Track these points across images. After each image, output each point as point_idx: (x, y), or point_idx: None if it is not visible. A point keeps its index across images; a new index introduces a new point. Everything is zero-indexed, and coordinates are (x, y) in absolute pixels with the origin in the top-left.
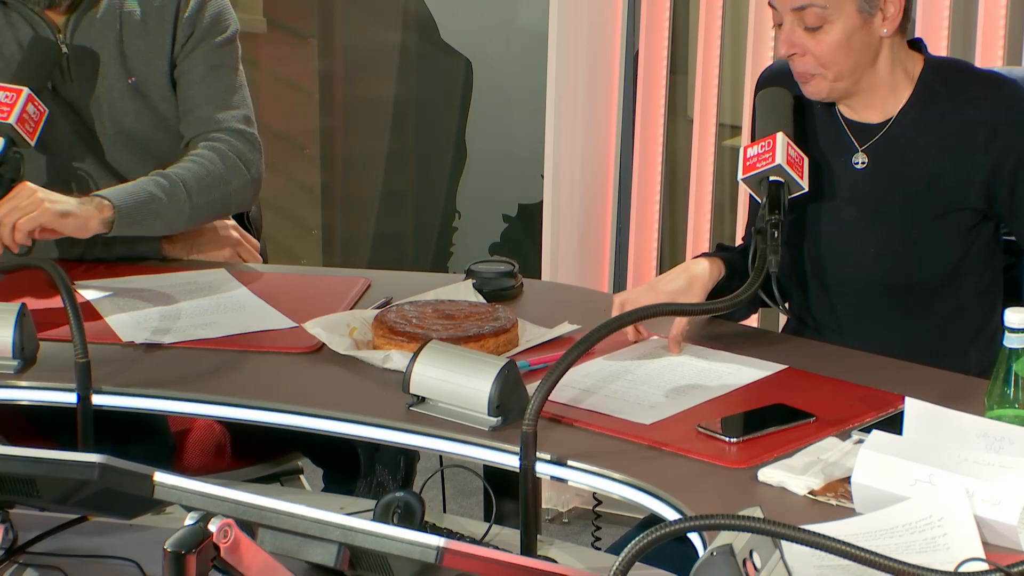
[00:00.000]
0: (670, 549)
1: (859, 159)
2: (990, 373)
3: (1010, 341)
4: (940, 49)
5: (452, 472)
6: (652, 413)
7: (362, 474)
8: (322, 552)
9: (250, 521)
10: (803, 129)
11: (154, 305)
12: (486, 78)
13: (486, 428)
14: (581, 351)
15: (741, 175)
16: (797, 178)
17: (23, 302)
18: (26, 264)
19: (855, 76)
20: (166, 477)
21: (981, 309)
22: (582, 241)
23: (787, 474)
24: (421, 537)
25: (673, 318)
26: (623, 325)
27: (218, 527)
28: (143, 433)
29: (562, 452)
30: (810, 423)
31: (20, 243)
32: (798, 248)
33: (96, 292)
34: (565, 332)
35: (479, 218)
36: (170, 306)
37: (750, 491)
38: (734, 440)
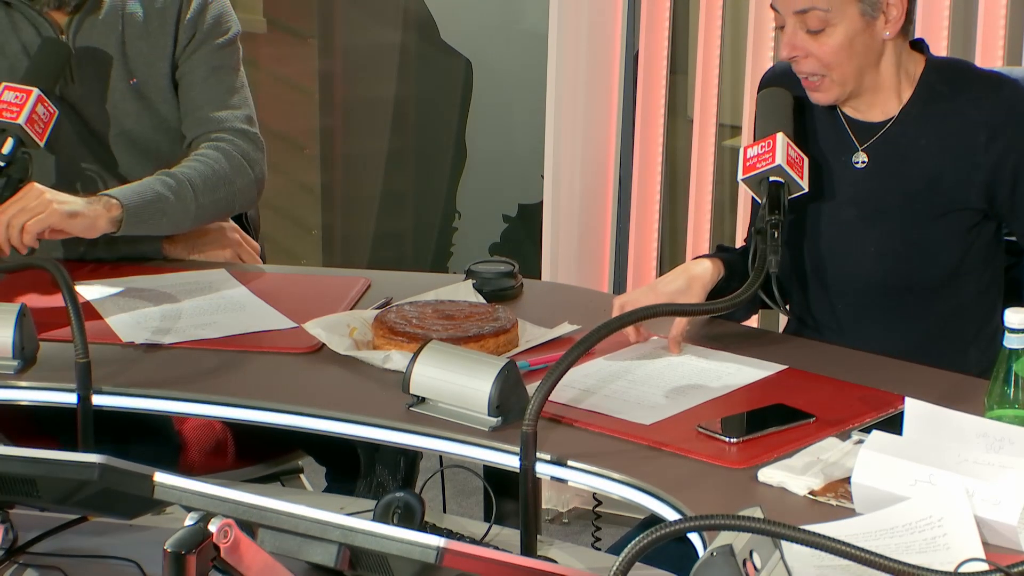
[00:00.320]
0: (670, 549)
1: (859, 158)
2: (990, 373)
3: (1010, 341)
4: (940, 49)
5: (452, 472)
6: (652, 413)
7: (362, 474)
8: (322, 552)
9: (250, 521)
10: (803, 128)
11: (154, 305)
12: (486, 78)
13: (486, 428)
14: (581, 351)
15: (741, 175)
16: (797, 178)
17: (23, 302)
18: (29, 264)
19: (858, 79)
20: (166, 477)
21: (981, 309)
22: (582, 241)
23: (787, 474)
24: (421, 537)
25: (673, 318)
26: (623, 325)
27: (218, 527)
28: (148, 432)
29: (562, 452)
30: (810, 423)
31: (28, 244)
32: (798, 248)
33: (97, 292)
34: (565, 332)
35: (479, 218)
36: (170, 306)
37: (750, 491)
38: (734, 440)
